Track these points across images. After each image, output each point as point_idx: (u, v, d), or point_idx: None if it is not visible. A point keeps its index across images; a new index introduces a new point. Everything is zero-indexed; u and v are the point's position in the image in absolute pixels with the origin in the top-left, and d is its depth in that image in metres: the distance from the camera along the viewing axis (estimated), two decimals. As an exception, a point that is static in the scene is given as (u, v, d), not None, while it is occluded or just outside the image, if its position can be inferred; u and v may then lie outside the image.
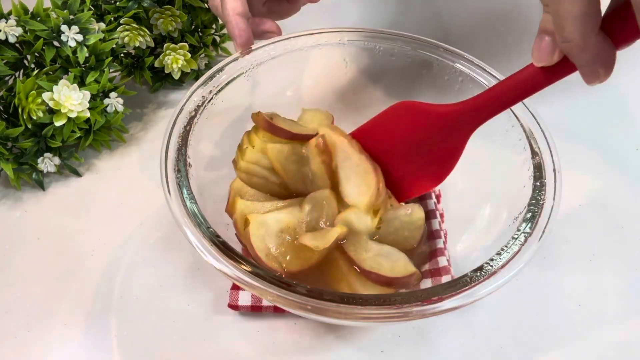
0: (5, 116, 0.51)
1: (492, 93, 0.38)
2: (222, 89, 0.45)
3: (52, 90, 0.48)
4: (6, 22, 0.48)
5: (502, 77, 0.46)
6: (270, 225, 0.42)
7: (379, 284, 0.41)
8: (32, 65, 0.52)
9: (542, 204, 0.39)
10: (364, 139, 0.45)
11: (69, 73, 0.50)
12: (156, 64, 0.59)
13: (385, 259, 0.41)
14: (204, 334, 0.43)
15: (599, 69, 0.30)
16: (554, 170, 0.41)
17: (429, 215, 0.47)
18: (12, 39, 0.49)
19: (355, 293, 0.40)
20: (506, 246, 0.37)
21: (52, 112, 0.49)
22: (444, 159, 0.42)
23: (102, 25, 0.54)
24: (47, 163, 0.51)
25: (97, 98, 0.53)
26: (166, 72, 0.58)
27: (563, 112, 0.59)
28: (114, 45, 0.54)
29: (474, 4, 0.73)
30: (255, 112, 0.45)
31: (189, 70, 0.59)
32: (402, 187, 0.45)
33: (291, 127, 0.45)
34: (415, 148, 0.43)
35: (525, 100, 0.44)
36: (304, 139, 0.45)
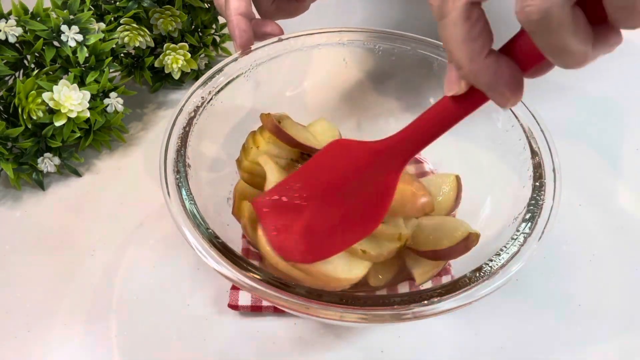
0: (5, 116, 0.51)
1: (414, 127, 0.36)
2: (221, 89, 0.45)
3: (52, 90, 0.48)
4: (6, 22, 0.48)
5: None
6: None
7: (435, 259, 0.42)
8: (32, 65, 0.52)
9: (542, 204, 0.39)
10: (300, 182, 0.41)
11: (69, 73, 0.50)
12: (156, 64, 0.59)
13: (441, 233, 0.42)
14: (204, 334, 0.43)
15: (503, 91, 0.29)
16: (554, 170, 0.40)
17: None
18: (12, 39, 0.49)
19: (356, 293, 0.40)
20: (505, 246, 0.37)
21: (52, 112, 0.49)
22: (378, 197, 0.38)
23: (102, 25, 0.54)
24: (47, 163, 0.51)
25: (97, 98, 0.53)
26: (166, 72, 0.58)
27: (563, 112, 0.59)
28: (114, 45, 0.54)
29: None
30: (265, 112, 0.44)
31: (189, 70, 0.59)
32: (343, 232, 0.39)
33: (297, 135, 0.44)
34: (349, 187, 0.39)
35: (525, 100, 0.44)
36: (307, 150, 0.44)
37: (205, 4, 0.60)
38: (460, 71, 0.30)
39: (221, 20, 0.63)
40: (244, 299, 0.43)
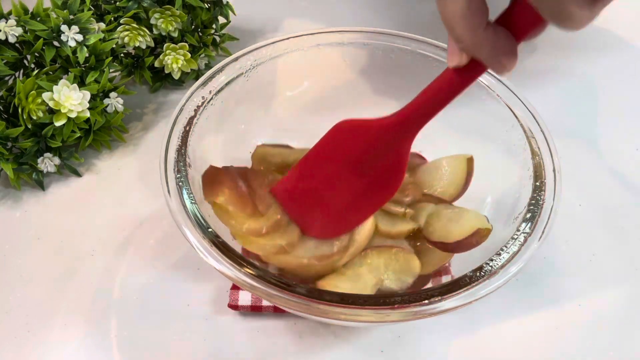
0: (5, 116, 0.51)
1: (421, 99, 0.38)
2: (221, 89, 0.45)
3: (52, 90, 0.48)
4: (6, 22, 0.48)
5: (500, 76, 0.46)
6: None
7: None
8: (32, 65, 0.52)
9: (542, 204, 0.39)
10: (311, 167, 0.43)
11: (69, 73, 0.50)
12: (156, 64, 0.59)
13: (454, 225, 0.43)
14: (204, 334, 0.43)
15: (501, 59, 0.31)
16: (554, 170, 0.41)
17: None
18: (12, 39, 0.49)
19: (356, 293, 0.40)
20: (506, 246, 0.37)
21: (52, 112, 0.49)
22: (391, 172, 0.41)
23: (102, 25, 0.54)
24: (47, 163, 0.51)
25: (97, 98, 0.53)
26: (166, 72, 0.58)
27: (563, 112, 0.59)
28: (114, 45, 0.54)
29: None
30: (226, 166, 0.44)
31: (189, 70, 0.59)
32: (352, 213, 0.43)
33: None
34: (361, 166, 0.41)
35: (525, 101, 0.44)
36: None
37: (205, 4, 0.60)
38: (460, 44, 0.31)
39: (221, 20, 0.63)
40: (244, 299, 0.43)
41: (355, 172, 0.42)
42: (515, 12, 0.31)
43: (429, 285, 0.43)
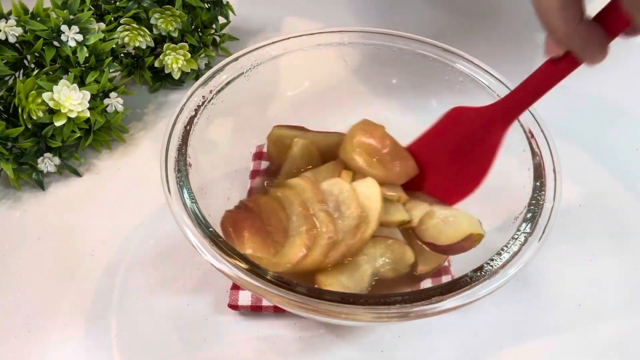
0: (5, 116, 0.51)
1: (520, 91, 0.41)
2: (222, 89, 0.45)
3: (52, 90, 0.48)
4: (6, 22, 0.48)
5: (501, 77, 0.46)
6: None
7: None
8: (32, 65, 0.52)
9: (542, 204, 0.39)
10: (424, 148, 0.47)
11: (69, 73, 0.50)
12: (156, 64, 0.59)
13: (445, 227, 0.43)
14: (204, 334, 0.43)
15: (594, 50, 0.34)
16: (554, 170, 0.41)
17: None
18: (12, 39, 0.49)
19: (356, 293, 0.40)
20: (506, 246, 0.37)
21: (52, 112, 0.49)
22: (484, 156, 0.44)
23: (102, 25, 0.54)
24: (47, 163, 0.51)
25: (97, 98, 0.53)
26: (166, 72, 0.58)
27: (563, 112, 0.59)
28: (114, 45, 0.54)
29: (474, 4, 0.73)
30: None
31: (189, 70, 0.59)
32: (450, 189, 0.47)
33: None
34: (460, 149, 0.45)
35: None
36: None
37: (205, 4, 0.60)
38: (555, 35, 0.34)
39: (221, 20, 0.63)
40: (244, 299, 0.43)
41: (457, 153, 0.46)
42: (609, 11, 0.33)
43: (429, 285, 0.43)
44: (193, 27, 0.61)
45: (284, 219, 0.42)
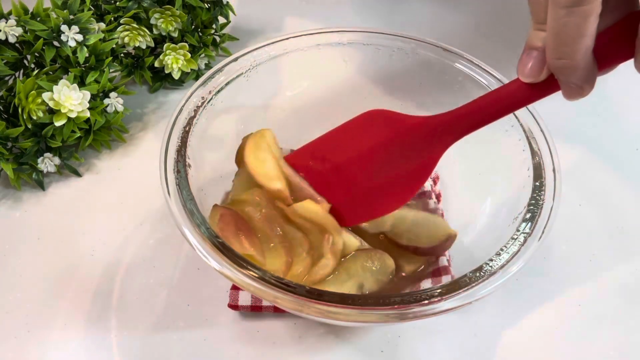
0: (5, 116, 0.51)
1: (474, 107, 0.36)
2: (221, 89, 0.45)
3: (52, 90, 0.48)
4: (6, 22, 0.48)
5: (501, 77, 0.46)
6: None
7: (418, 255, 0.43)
8: (32, 65, 0.52)
9: (542, 204, 0.39)
10: (327, 148, 0.42)
11: (69, 73, 0.50)
12: (156, 64, 0.59)
13: (421, 229, 0.43)
14: (204, 334, 0.43)
15: (585, 85, 0.31)
16: (554, 170, 0.41)
17: (430, 215, 0.47)
18: (12, 39, 0.49)
19: (355, 294, 0.40)
20: (506, 246, 0.37)
21: (52, 112, 0.49)
22: (414, 175, 0.39)
23: (102, 25, 0.54)
24: (47, 163, 0.51)
25: (97, 98, 0.53)
26: (166, 72, 0.58)
27: (563, 112, 0.59)
28: (114, 45, 0.54)
29: (474, 4, 0.73)
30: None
31: (189, 70, 0.59)
32: (363, 206, 0.42)
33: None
34: (383, 161, 0.40)
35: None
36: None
37: (205, 4, 0.60)
38: (558, 62, 0.30)
39: (221, 20, 0.63)
40: (244, 299, 0.43)
41: (372, 166, 0.40)
42: (610, 42, 0.31)
43: (429, 285, 0.43)
44: (193, 27, 0.61)
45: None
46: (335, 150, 0.42)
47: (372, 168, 0.40)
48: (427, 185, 0.50)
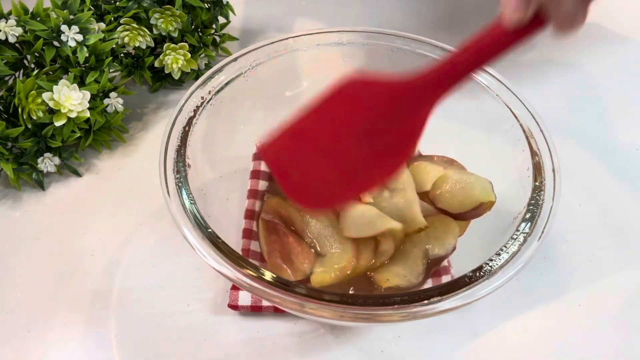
0: (5, 116, 0.51)
1: (461, 54, 0.33)
2: (221, 89, 0.45)
3: (52, 90, 0.48)
4: (6, 22, 0.48)
5: (501, 77, 0.46)
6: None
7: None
8: (32, 65, 0.52)
9: (542, 204, 0.39)
10: (309, 125, 0.38)
11: (69, 73, 0.50)
12: (156, 64, 0.59)
13: (461, 193, 0.44)
14: (204, 334, 0.43)
15: (578, 12, 0.30)
16: (553, 170, 0.41)
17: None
18: (12, 39, 0.49)
19: (355, 294, 0.40)
20: (505, 246, 0.37)
21: (52, 112, 0.49)
22: (404, 139, 0.36)
23: (102, 25, 0.54)
24: (47, 163, 0.51)
25: (97, 98, 0.53)
26: (166, 72, 0.58)
27: (563, 112, 0.59)
28: (114, 45, 0.54)
29: (474, 4, 0.73)
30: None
31: (189, 70, 0.59)
32: (358, 179, 0.38)
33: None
34: (369, 129, 0.36)
35: (525, 101, 0.44)
36: None
37: (205, 4, 0.60)
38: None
39: (221, 20, 0.63)
40: (244, 299, 0.43)
41: (358, 136, 0.36)
42: None
43: (429, 285, 0.43)
44: (193, 27, 0.61)
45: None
46: (318, 132, 0.38)
47: (360, 142, 0.36)
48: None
